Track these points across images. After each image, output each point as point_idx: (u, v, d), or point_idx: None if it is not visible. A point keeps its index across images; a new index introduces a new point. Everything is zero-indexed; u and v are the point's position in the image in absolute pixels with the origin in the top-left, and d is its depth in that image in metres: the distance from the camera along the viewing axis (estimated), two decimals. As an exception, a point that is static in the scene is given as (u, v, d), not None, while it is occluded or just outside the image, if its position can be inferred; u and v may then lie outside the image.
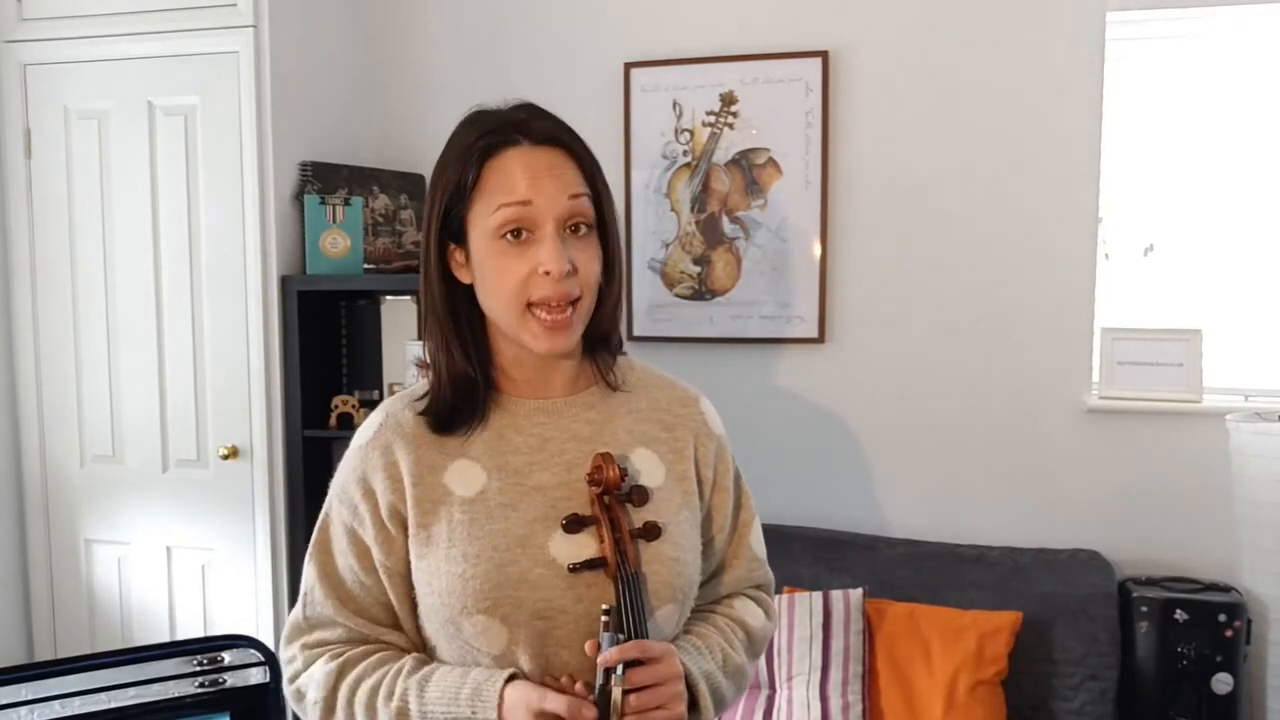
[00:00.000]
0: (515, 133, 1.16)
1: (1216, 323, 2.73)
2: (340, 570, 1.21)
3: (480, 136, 1.16)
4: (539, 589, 1.13)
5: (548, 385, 1.24)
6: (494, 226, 1.14)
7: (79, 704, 1.35)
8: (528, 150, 1.15)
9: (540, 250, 1.13)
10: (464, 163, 1.16)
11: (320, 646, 1.21)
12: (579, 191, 1.16)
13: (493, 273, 1.15)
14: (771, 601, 1.39)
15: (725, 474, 1.32)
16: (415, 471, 1.19)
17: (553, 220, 1.14)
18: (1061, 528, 2.75)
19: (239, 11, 2.68)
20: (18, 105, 2.86)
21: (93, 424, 2.89)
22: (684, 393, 1.32)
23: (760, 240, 2.89)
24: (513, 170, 1.14)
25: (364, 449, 1.23)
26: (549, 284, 1.13)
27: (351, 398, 2.82)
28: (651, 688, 1.09)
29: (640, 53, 2.95)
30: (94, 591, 2.95)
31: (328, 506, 1.25)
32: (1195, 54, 2.72)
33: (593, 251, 1.18)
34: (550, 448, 1.21)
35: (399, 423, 1.22)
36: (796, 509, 2.90)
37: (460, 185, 1.16)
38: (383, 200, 2.99)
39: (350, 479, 1.22)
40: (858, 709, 2.39)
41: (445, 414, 1.20)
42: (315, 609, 1.22)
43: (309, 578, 1.23)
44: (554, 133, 1.18)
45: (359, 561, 1.20)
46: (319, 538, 1.24)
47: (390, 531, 1.19)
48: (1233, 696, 2.43)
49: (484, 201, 1.15)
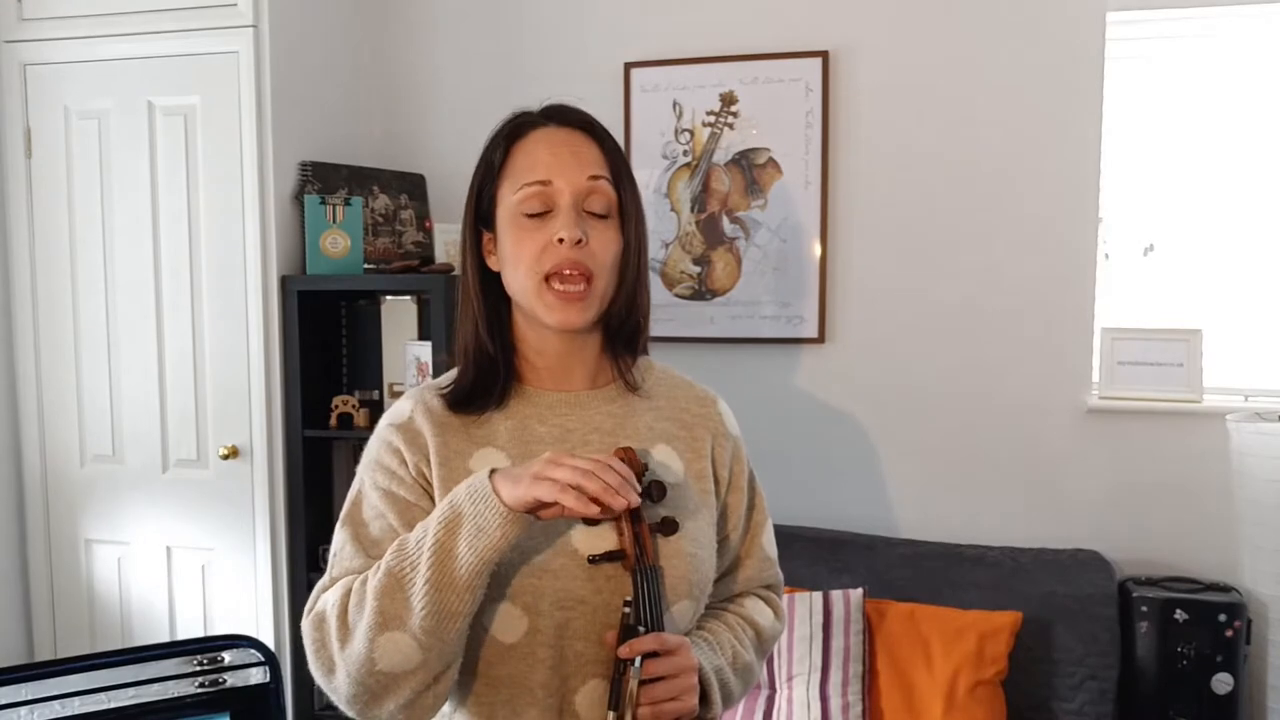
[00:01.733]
0: (543, 116, 1.23)
1: (1216, 323, 2.73)
2: (374, 532, 1.18)
3: (510, 120, 1.24)
4: (560, 578, 1.14)
5: (569, 377, 1.26)
6: (516, 205, 1.19)
7: (79, 704, 1.35)
8: (553, 130, 1.22)
9: (556, 222, 1.17)
10: (494, 145, 1.23)
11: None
12: (599, 173, 1.20)
13: (513, 247, 1.19)
14: (781, 602, 1.41)
15: (740, 474, 1.34)
16: (442, 454, 1.20)
17: (570, 194, 1.18)
18: (1061, 528, 2.75)
19: (239, 11, 2.68)
20: (18, 105, 2.86)
21: (93, 424, 2.89)
22: (702, 393, 1.35)
23: (760, 240, 2.89)
24: (536, 149, 1.20)
25: (393, 428, 1.23)
26: (562, 251, 1.17)
27: (351, 398, 2.82)
28: (667, 679, 1.10)
29: (640, 53, 2.95)
30: (94, 591, 2.95)
31: (358, 483, 1.23)
32: (1195, 54, 2.72)
33: (610, 235, 1.21)
34: (573, 439, 1.23)
35: (428, 409, 1.23)
36: (796, 509, 2.89)
37: (490, 166, 1.23)
38: (383, 200, 2.99)
39: (382, 450, 1.22)
40: (858, 709, 2.39)
41: (466, 392, 1.23)
42: (343, 564, 1.18)
43: (338, 542, 1.20)
44: (582, 117, 1.24)
45: (399, 517, 1.17)
46: (350, 510, 1.22)
47: (424, 488, 1.19)
48: (1233, 696, 2.43)
49: (510, 182, 1.21)
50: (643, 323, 1.28)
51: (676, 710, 1.11)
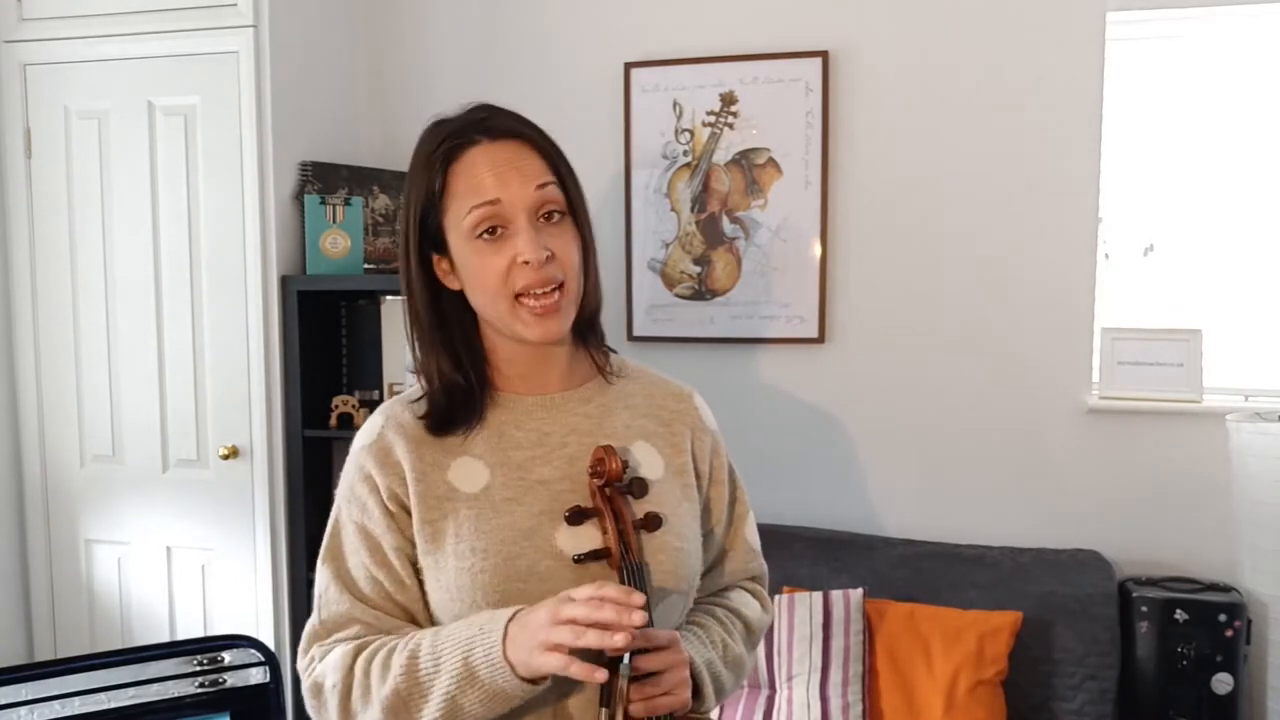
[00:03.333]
0: (474, 132, 1.18)
1: (1216, 323, 2.73)
2: (353, 570, 1.20)
3: (441, 142, 1.18)
4: (548, 581, 1.14)
5: (544, 380, 1.26)
6: (468, 228, 1.16)
7: (79, 704, 1.35)
8: (488, 147, 1.18)
9: (517, 241, 1.16)
10: (430, 171, 1.18)
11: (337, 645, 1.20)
12: (545, 180, 1.18)
13: (475, 272, 1.18)
14: (766, 593, 1.42)
15: (721, 468, 1.35)
16: (418, 469, 1.19)
17: (524, 212, 1.16)
18: (1061, 528, 2.75)
19: (239, 11, 2.68)
20: (18, 105, 2.86)
21: (93, 424, 2.89)
22: (678, 389, 1.35)
23: (760, 240, 2.89)
24: (477, 170, 1.17)
25: (366, 450, 1.23)
26: (530, 272, 1.15)
27: (351, 398, 2.82)
28: (658, 674, 1.10)
29: (640, 53, 2.95)
30: (94, 591, 2.95)
31: (336, 511, 1.24)
32: (1195, 54, 2.72)
33: (569, 236, 1.20)
34: (551, 442, 1.22)
35: (400, 424, 1.23)
36: (796, 509, 2.90)
37: (430, 193, 1.19)
38: (383, 200, 2.99)
39: (355, 478, 1.22)
40: (858, 709, 2.39)
41: (442, 418, 1.22)
42: (330, 609, 1.20)
43: (322, 582, 1.22)
44: (512, 126, 1.20)
45: (371, 556, 1.19)
46: (330, 544, 1.23)
47: (395, 514, 1.19)
48: (1233, 696, 2.43)
49: (455, 207, 1.17)
50: (598, 306, 1.28)
51: (669, 705, 1.11)
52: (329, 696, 1.16)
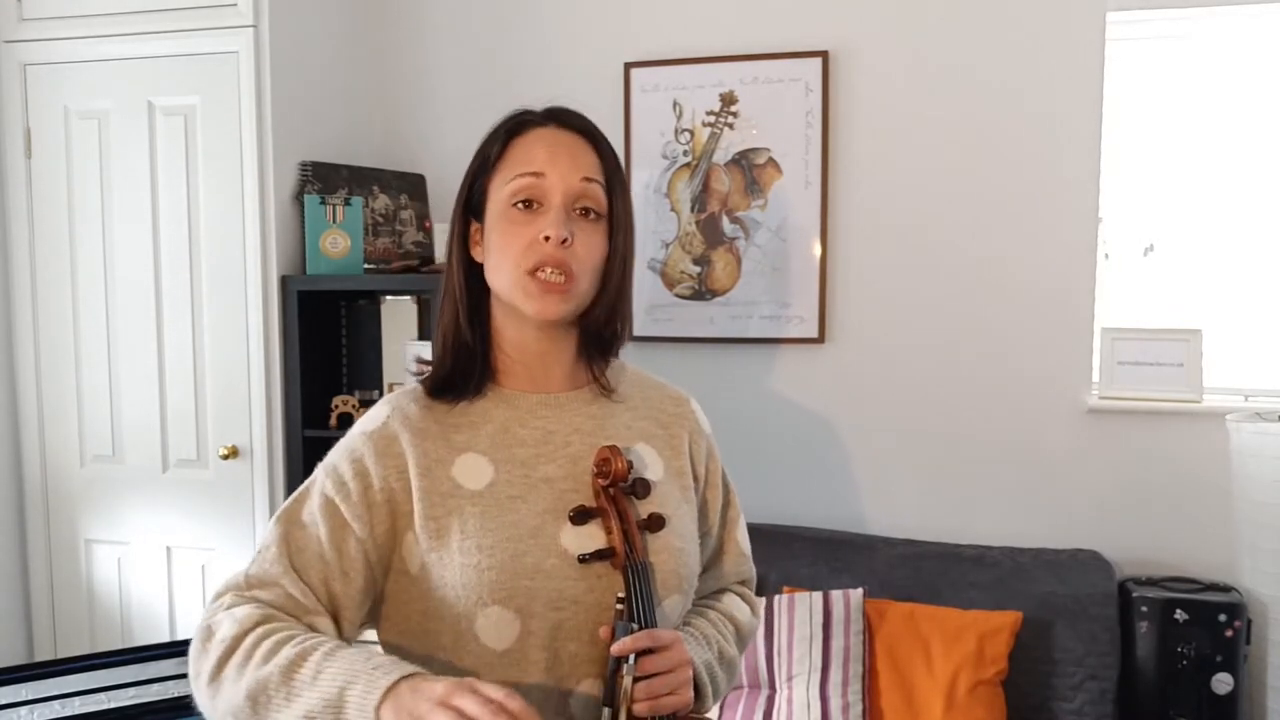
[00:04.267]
0: (546, 116, 1.24)
1: (1216, 323, 2.73)
2: (302, 540, 1.16)
3: (514, 117, 1.24)
4: (553, 579, 1.14)
5: (548, 378, 1.26)
6: (507, 195, 1.19)
7: (79, 704, 1.35)
8: (554, 130, 1.23)
9: (546, 219, 1.18)
10: (494, 139, 1.24)
11: (253, 601, 1.15)
12: (593, 176, 1.20)
13: (499, 239, 1.19)
14: (754, 596, 1.43)
15: (716, 471, 1.36)
16: (423, 464, 1.18)
17: (561, 194, 1.18)
18: (1061, 528, 2.75)
19: (239, 11, 2.68)
20: (18, 105, 2.86)
21: (93, 424, 2.89)
22: (675, 393, 1.36)
23: (760, 240, 2.89)
24: (534, 145, 1.21)
25: (366, 436, 1.21)
26: (546, 249, 1.16)
27: (351, 398, 2.82)
28: (663, 674, 1.11)
29: (640, 53, 2.95)
30: (94, 591, 2.95)
31: (309, 482, 1.21)
32: (1195, 54, 2.72)
33: (596, 239, 1.20)
34: (555, 440, 1.23)
35: (405, 415, 1.22)
36: (796, 509, 2.90)
37: (486, 158, 1.23)
38: (383, 200, 2.99)
39: (345, 459, 1.20)
40: (858, 709, 2.39)
41: (444, 379, 1.23)
42: (264, 566, 1.15)
43: (267, 539, 1.18)
44: (583, 123, 1.25)
45: (330, 534, 1.16)
46: (290, 507, 1.20)
47: (376, 506, 1.17)
48: (1233, 696, 2.43)
49: (503, 173, 1.21)
50: (621, 330, 1.27)
51: (673, 705, 1.11)
52: (214, 648, 1.10)
